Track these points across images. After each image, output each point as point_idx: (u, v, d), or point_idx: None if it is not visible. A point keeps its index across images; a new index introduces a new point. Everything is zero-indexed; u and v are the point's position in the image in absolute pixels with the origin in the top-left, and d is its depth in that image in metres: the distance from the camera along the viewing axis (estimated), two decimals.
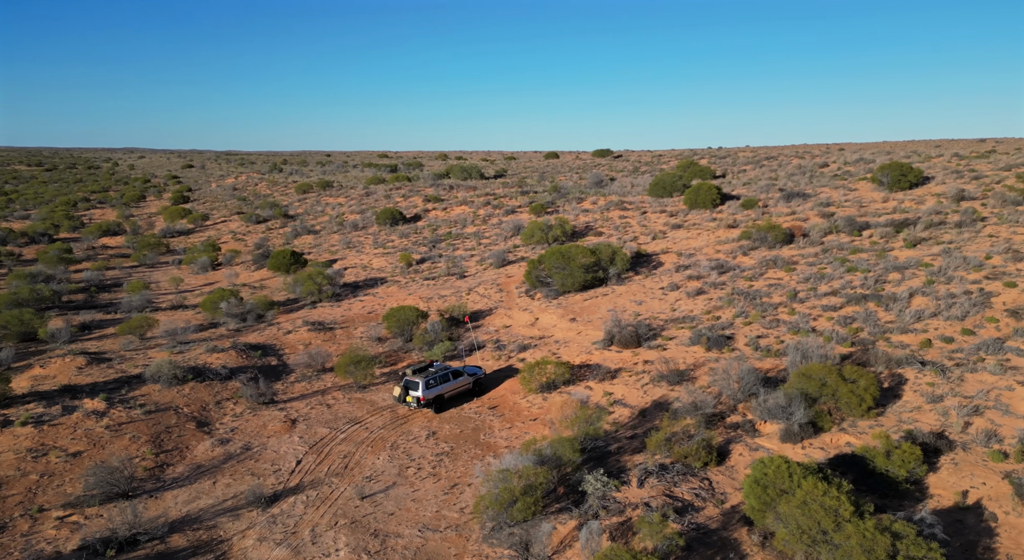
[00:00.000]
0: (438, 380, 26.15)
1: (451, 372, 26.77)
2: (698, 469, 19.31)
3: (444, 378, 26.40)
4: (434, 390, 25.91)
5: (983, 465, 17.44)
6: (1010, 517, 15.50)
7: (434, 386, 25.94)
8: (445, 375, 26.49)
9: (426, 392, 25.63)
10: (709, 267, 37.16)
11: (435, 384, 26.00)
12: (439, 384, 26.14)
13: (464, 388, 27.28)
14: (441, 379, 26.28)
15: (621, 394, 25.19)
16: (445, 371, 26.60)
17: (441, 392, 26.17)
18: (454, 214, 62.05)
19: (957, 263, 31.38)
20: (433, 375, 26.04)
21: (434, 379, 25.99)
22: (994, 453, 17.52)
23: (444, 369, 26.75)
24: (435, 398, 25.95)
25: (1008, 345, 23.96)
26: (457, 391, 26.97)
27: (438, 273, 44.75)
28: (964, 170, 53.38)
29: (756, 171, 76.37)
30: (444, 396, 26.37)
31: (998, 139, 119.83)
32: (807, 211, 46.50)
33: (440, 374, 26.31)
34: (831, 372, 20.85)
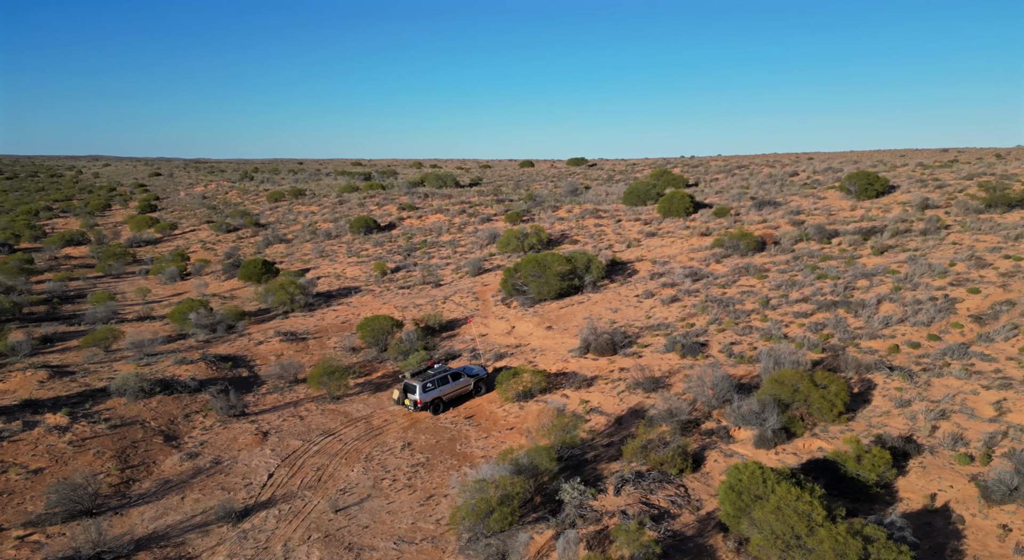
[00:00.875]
0: (436, 383, 26.24)
1: (450, 374, 26.85)
2: (674, 476, 19.38)
3: (443, 381, 26.51)
4: (431, 393, 26.05)
5: (950, 468, 17.79)
6: (977, 519, 15.81)
7: (431, 389, 26.07)
8: (444, 377, 26.57)
9: (423, 395, 25.80)
10: (683, 275, 37.53)
11: (432, 387, 26.11)
12: (437, 387, 26.25)
13: (464, 390, 27.38)
14: (439, 382, 26.38)
15: (597, 402, 25.21)
16: (444, 373, 26.67)
17: (439, 395, 26.30)
18: (429, 222, 61.79)
19: (923, 270, 32.14)
20: (431, 378, 26.15)
21: (431, 382, 26.11)
22: (961, 456, 17.89)
23: (443, 371, 26.84)
24: (432, 401, 26.08)
25: (972, 350, 24.57)
26: (456, 393, 27.04)
27: (413, 282, 44.45)
28: (928, 179, 54.88)
29: (728, 180, 77.60)
30: (443, 399, 26.52)
31: (960, 149, 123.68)
32: (778, 219, 47.29)
33: (439, 377, 26.41)
34: (803, 378, 21.14)
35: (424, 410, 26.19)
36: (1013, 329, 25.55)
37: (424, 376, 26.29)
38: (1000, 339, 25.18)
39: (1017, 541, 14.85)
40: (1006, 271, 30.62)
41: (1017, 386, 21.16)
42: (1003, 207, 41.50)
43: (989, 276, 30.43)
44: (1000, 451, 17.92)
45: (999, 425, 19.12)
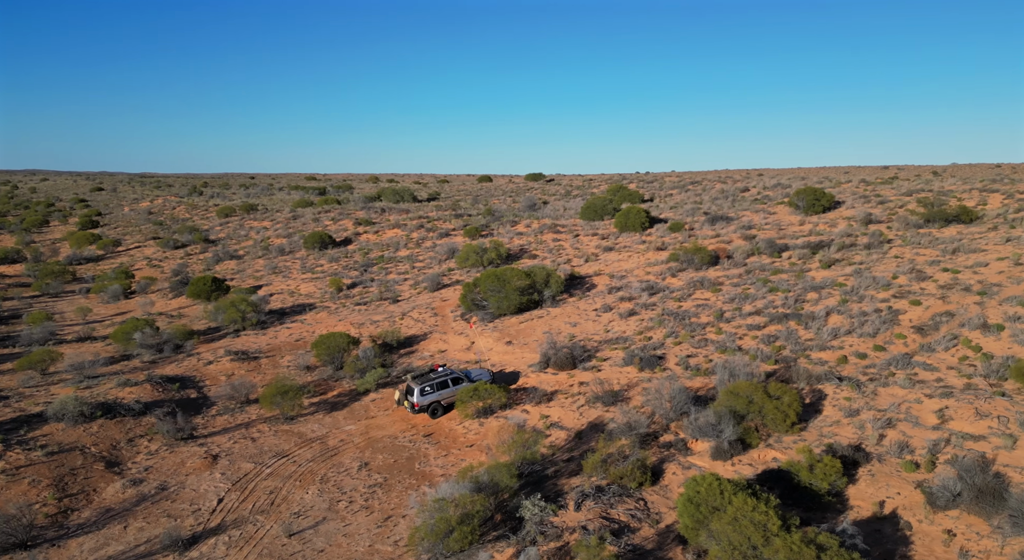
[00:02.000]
0: (435, 387, 26.57)
1: (451, 378, 27.08)
2: (633, 490, 19.43)
3: (442, 385, 26.79)
4: (429, 397, 26.41)
5: (897, 475, 18.34)
6: (923, 525, 16.30)
7: (429, 393, 26.46)
8: (444, 382, 26.86)
9: (420, 399, 26.23)
10: (640, 288, 38.02)
11: (431, 391, 26.50)
12: (436, 391, 26.66)
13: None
14: (439, 386, 26.67)
15: (558, 417, 25.17)
16: (444, 377, 26.94)
17: (437, 399, 26.59)
18: (386, 237, 61.17)
19: (868, 283, 33.35)
20: (430, 381, 26.62)
21: (430, 386, 26.47)
22: (907, 463, 18.48)
23: (445, 375, 27.07)
24: (430, 405, 26.45)
25: (915, 360, 25.53)
26: (456, 398, 26.80)
27: (370, 298, 43.79)
28: (871, 195, 57.23)
29: (682, 195, 79.35)
30: (441, 403, 26.75)
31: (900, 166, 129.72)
32: (731, 234, 48.49)
33: (438, 381, 26.72)
34: (757, 389, 21.56)
35: (422, 413, 26.54)
36: (952, 339, 26.67)
37: (424, 379, 26.77)
38: (941, 349, 26.25)
39: (961, 546, 15.35)
40: (944, 283, 32.01)
41: (958, 394, 22.04)
42: (940, 222, 43.53)
43: (929, 288, 31.76)
44: (943, 458, 18.58)
45: (942, 433, 19.84)
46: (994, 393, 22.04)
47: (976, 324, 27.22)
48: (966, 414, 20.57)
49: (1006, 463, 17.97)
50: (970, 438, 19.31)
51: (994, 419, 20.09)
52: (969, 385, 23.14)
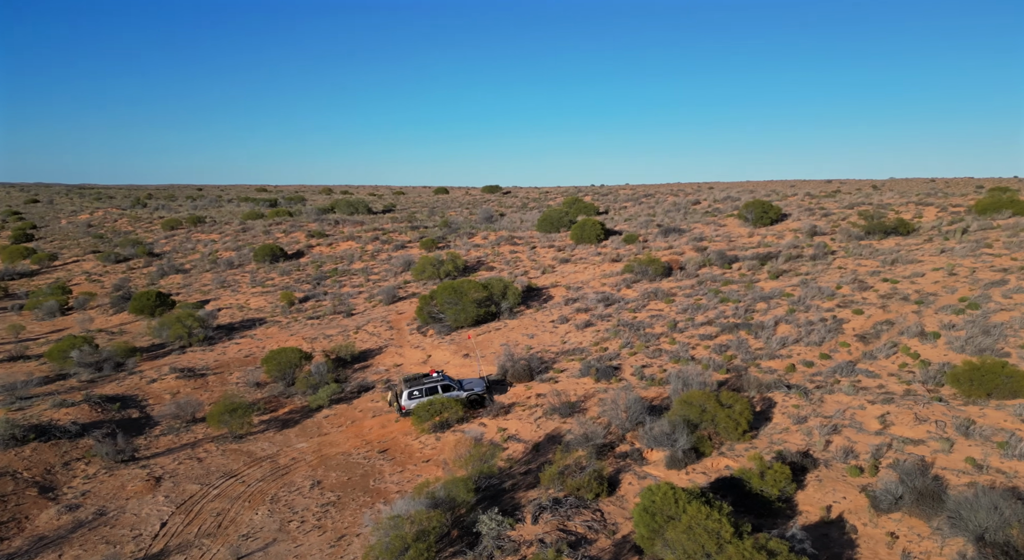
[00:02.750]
0: (423, 392, 26.60)
1: (441, 385, 26.86)
2: (590, 501, 19.45)
3: (431, 391, 26.71)
4: (415, 401, 26.34)
5: (843, 480, 18.88)
6: (868, 528, 16.80)
7: (416, 397, 26.45)
8: (433, 388, 26.76)
9: (407, 402, 26.38)
10: (596, 300, 38.40)
11: (419, 396, 26.50)
12: (424, 396, 26.52)
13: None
14: (428, 391, 26.66)
15: (515, 429, 25.08)
16: (434, 384, 26.85)
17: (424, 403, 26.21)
18: (340, 250, 60.21)
19: (813, 293, 34.49)
20: (419, 386, 26.60)
21: (419, 390, 26.56)
22: (852, 468, 19.05)
23: (436, 381, 26.96)
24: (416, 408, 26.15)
25: (859, 367, 26.47)
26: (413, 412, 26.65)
27: (323, 312, 42.93)
28: (815, 208, 59.39)
29: (636, 208, 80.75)
30: None
31: (842, 180, 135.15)
32: (683, 245, 49.55)
33: (428, 386, 26.70)
34: (710, 398, 21.94)
35: (408, 416, 26.47)
36: (892, 347, 27.77)
37: (415, 383, 26.86)
38: (882, 357, 27.29)
39: (904, 547, 15.87)
40: (885, 293, 33.36)
41: (898, 400, 22.91)
42: (880, 234, 45.46)
43: (871, 298, 33.03)
44: (886, 462, 19.23)
45: (884, 438, 20.56)
46: (932, 399, 23.00)
47: (914, 332, 28.43)
48: (906, 419, 21.39)
49: (944, 466, 18.72)
50: (910, 442, 20.07)
51: (932, 424, 20.95)
52: (909, 391, 24.10)
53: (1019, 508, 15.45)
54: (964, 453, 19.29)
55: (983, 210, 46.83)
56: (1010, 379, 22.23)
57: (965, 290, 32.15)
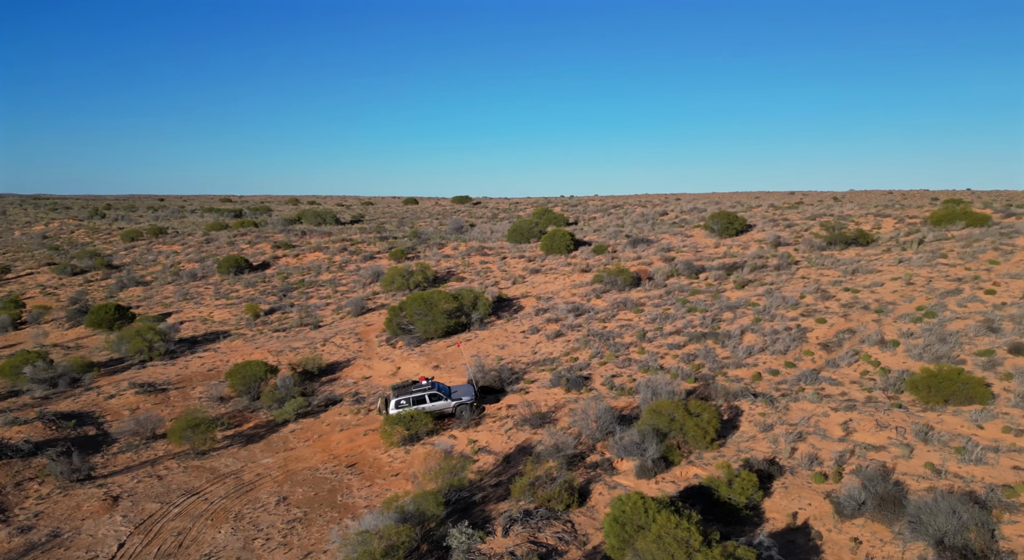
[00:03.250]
0: (411, 401, 26.43)
1: (428, 394, 26.71)
2: (561, 512, 19.39)
3: (418, 400, 26.54)
4: (403, 410, 26.16)
5: (808, 487, 19.19)
6: (832, 534, 17.08)
7: (404, 406, 26.30)
8: (420, 397, 26.58)
9: (394, 411, 26.18)
10: (566, 310, 38.53)
11: (406, 404, 26.34)
12: (411, 405, 26.37)
13: (442, 412, 26.94)
14: (415, 401, 26.48)
15: (486, 441, 24.93)
16: (422, 393, 26.65)
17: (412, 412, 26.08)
18: (307, 261, 59.38)
19: (778, 302, 35.17)
20: (406, 395, 26.48)
21: (406, 400, 26.43)
22: (816, 475, 19.38)
23: (423, 390, 26.77)
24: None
25: (822, 375, 27.02)
26: (434, 413, 26.68)
27: (290, 324, 42.21)
28: (779, 219, 60.76)
29: (605, 218, 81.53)
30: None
31: (804, 192, 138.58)
32: (651, 256, 50.14)
33: (415, 396, 26.53)
34: (678, 407, 22.13)
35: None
36: (854, 355, 28.44)
37: (403, 391, 26.73)
38: (844, 365, 27.91)
39: (867, 552, 16.17)
40: (846, 302, 34.20)
41: (860, 407, 23.43)
42: (841, 245, 46.68)
43: (833, 307, 33.82)
44: (849, 469, 19.62)
45: (847, 444, 20.99)
46: (892, 405, 23.58)
47: (875, 340, 29.17)
48: (868, 426, 21.87)
49: (904, 471, 19.17)
50: (872, 448, 20.51)
51: (893, 430, 21.46)
52: (870, 398, 24.67)
53: (976, 512, 15.89)
54: (923, 458, 19.79)
55: (938, 221, 48.47)
56: (965, 385, 22.93)
57: (922, 299, 33.15)
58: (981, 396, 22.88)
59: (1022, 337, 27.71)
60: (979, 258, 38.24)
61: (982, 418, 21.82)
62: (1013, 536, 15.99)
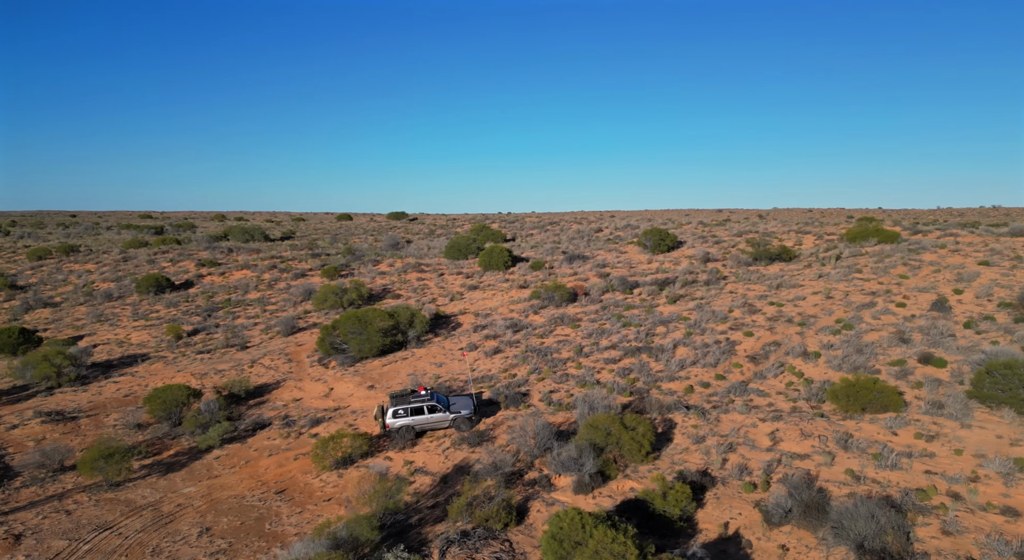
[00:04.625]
0: (408, 412, 25.72)
1: (427, 406, 26.00)
2: (499, 531, 19.13)
3: (417, 411, 25.86)
4: (401, 420, 25.62)
5: (738, 497, 19.70)
6: (761, 542, 17.55)
7: (402, 416, 25.64)
8: (419, 408, 25.90)
9: (391, 420, 25.59)
10: (504, 326, 38.49)
11: (404, 415, 25.66)
12: (408, 415, 25.73)
13: (440, 424, 26.19)
14: (413, 412, 25.80)
15: (422, 462, 24.41)
16: (420, 404, 25.95)
17: (409, 423, 25.75)
18: (234, 279, 57.08)
19: (708, 316, 36.29)
20: (404, 406, 25.75)
21: (404, 410, 25.69)
22: (746, 485, 19.93)
23: (422, 401, 26.07)
24: (400, 428, 25.60)
25: (751, 387, 27.95)
26: (431, 426, 26.14)
27: (215, 345, 40.30)
28: (708, 236, 62.99)
29: (542, 235, 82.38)
30: (414, 428, 25.89)
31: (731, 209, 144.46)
32: (587, 272, 50.88)
33: (414, 406, 25.84)
34: (615, 421, 22.36)
35: (391, 435, 25.76)
36: (780, 367, 29.60)
37: (401, 400, 26.05)
38: (771, 376, 28.99)
39: (794, 559, 16.68)
40: (772, 316, 35.64)
41: (786, 417, 24.34)
42: (766, 260, 48.78)
43: (759, 321, 35.17)
44: (776, 477, 20.28)
45: (774, 454, 21.71)
46: (815, 415, 24.62)
47: (798, 352, 30.48)
48: (793, 435, 22.73)
49: (827, 478, 19.98)
50: (797, 457, 21.30)
51: (816, 438, 22.37)
52: (795, 408, 25.69)
53: (893, 516, 16.68)
54: (844, 465, 20.70)
55: (853, 238, 51.45)
56: (881, 394, 24.22)
57: (840, 312, 34.95)
58: (895, 404, 24.22)
59: (930, 347, 29.60)
60: (890, 273, 40.75)
61: (896, 425, 23.07)
62: (926, 537, 16.86)
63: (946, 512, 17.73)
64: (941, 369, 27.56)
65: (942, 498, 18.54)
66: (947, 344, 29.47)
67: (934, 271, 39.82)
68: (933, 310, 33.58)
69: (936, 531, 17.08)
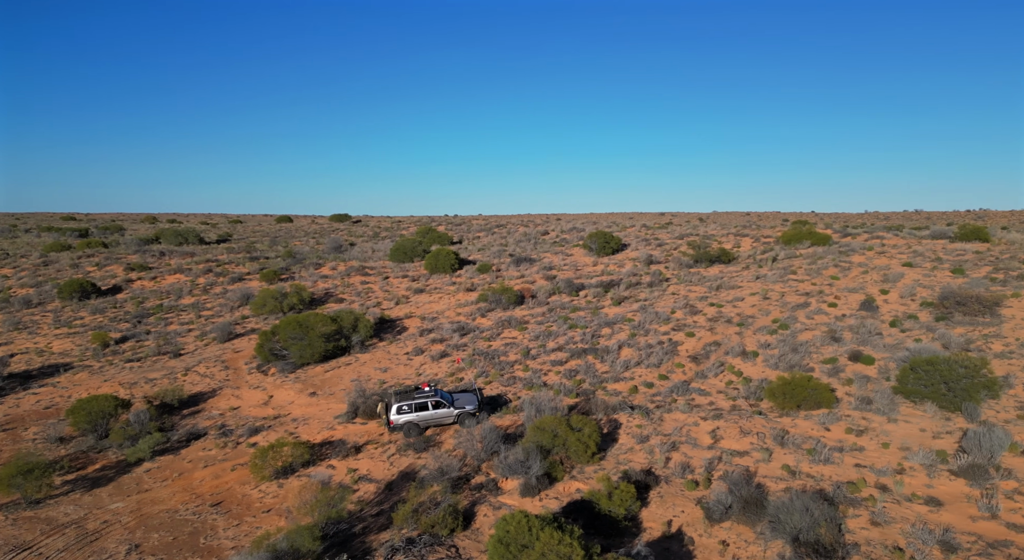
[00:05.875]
0: (412, 408, 25.66)
1: (432, 402, 25.92)
2: (445, 537, 18.88)
3: (422, 407, 25.80)
4: (405, 416, 25.55)
5: (681, 495, 20.08)
6: (703, 538, 17.92)
7: (406, 412, 25.56)
8: (424, 404, 25.83)
9: (396, 417, 25.49)
10: (451, 330, 38.19)
11: (408, 411, 25.58)
12: (413, 411, 25.65)
13: (444, 421, 26.20)
14: (418, 408, 25.74)
15: (367, 469, 23.87)
16: (425, 400, 25.88)
17: (413, 420, 25.64)
18: (167, 284, 54.63)
19: (652, 318, 36.97)
20: (408, 401, 25.69)
21: (408, 406, 25.62)
22: (688, 483, 20.34)
23: (426, 397, 26.00)
24: (404, 425, 25.53)
25: (692, 386, 28.59)
26: (436, 422, 25.98)
27: (145, 353, 38.40)
28: (651, 239, 64.32)
29: (489, 238, 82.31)
30: (419, 425, 25.76)
31: (674, 213, 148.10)
32: (534, 274, 51.10)
33: (418, 402, 25.78)
34: (561, 423, 22.44)
35: (396, 431, 25.69)
36: (720, 366, 30.40)
37: (405, 397, 25.98)
38: (711, 376, 29.74)
39: (734, 554, 17.09)
40: (712, 316, 36.61)
41: (726, 415, 25.00)
42: (706, 262, 50.11)
43: (700, 321, 36.07)
44: (717, 474, 20.77)
45: (715, 451, 22.25)
46: (753, 412, 25.38)
47: (737, 351, 31.38)
48: (733, 433, 23.35)
49: (765, 474, 20.59)
50: (737, 454, 21.89)
51: (754, 435, 23.06)
52: (735, 406, 26.42)
53: (826, 508, 17.32)
54: (781, 461, 21.40)
55: (788, 241, 53.49)
56: (815, 391, 25.19)
57: (777, 312, 36.22)
58: (827, 400, 25.23)
59: (859, 345, 31.00)
60: (823, 274, 42.53)
61: (828, 421, 24.03)
62: (856, 529, 17.59)
63: (875, 504, 18.54)
64: (869, 366, 28.89)
65: (871, 490, 19.39)
66: (875, 342, 30.93)
67: (862, 272, 41.79)
68: (862, 310, 35.21)
69: (866, 522, 17.83)
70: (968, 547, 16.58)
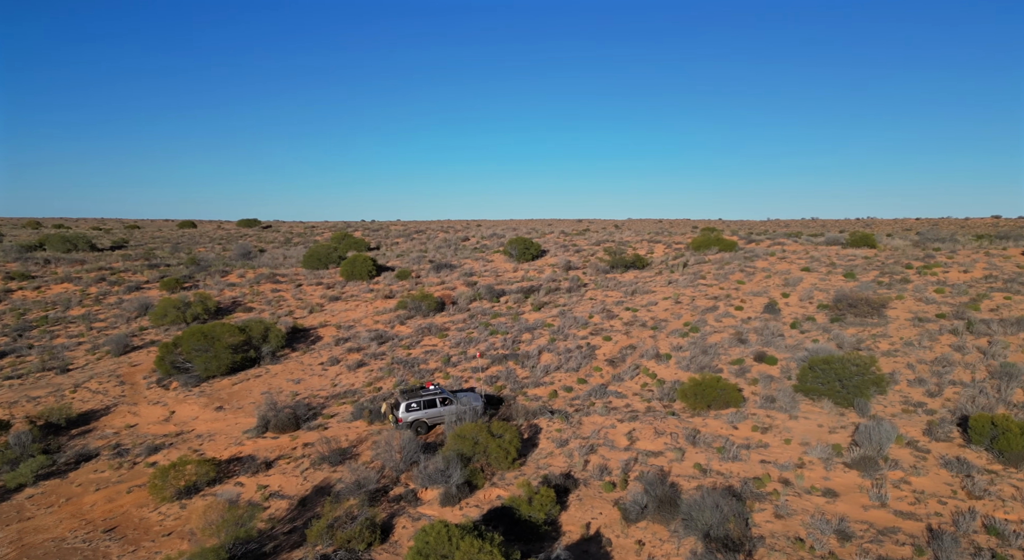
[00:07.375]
0: (421, 405, 26.03)
1: (440, 398, 26.29)
2: (362, 551, 18.29)
3: (429, 404, 26.15)
4: (414, 414, 25.84)
5: (600, 497, 20.41)
6: (620, 539, 18.28)
7: (415, 410, 25.90)
8: (431, 401, 26.20)
9: (405, 414, 25.78)
10: (369, 338, 37.27)
11: (416, 408, 25.93)
12: (422, 409, 26.01)
13: (451, 419, 25.86)
14: (426, 405, 26.09)
15: (278, 485, 22.78)
16: (433, 397, 26.24)
17: (422, 417, 25.93)
18: (53, 294, 50.25)
19: (570, 323, 37.57)
20: (417, 399, 26.05)
21: (416, 403, 26.00)
22: (606, 485, 20.71)
23: (434, 394, 26.34)
24: (413, 423, 25.78)
25: (610, 389, 29.23)
26: (443, 419, 26.01)
27: (27, 369, 35.05)
28: (569, 245, 65.51)
29: (408, 244, 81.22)
30: (426, 422, 26.07)
31: (591, 220, 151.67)
32: (455, 281, 50.81)
33: (426, 399, 26.11)
34: (482, 430, 22.32)
35: (405, 429, 25.17)
36: (636, 369, 31.26)
37: (412, 395, 26.33)
38: (628, 378, 30.52)
39: (649, 553, 17.53)
40: (628, 321, 37.64)
41: (642, 417, 25.70)
42: (622, 268, 51.56)
43: (617, 326, 36.99)
44: (633, 475, 21.28)
45: (632, 453, 22.80)
46: (667, 413, 26.23)
47: (651, 355, 32.39)
48: (648, 434, 24.02)
49: (678, 474, 21.29)
50: (652, 455, 22.52)
51: (668, 436, 23.81)
52: (650, 408, 27.21)
53: (734, 504, 18.09)
54: (693, 460, 22.20)
55: (698, 247, 55.93)
56: (723, 392, 26.35)
57: (688, 316, 37.70)
58: (735, 400, 26.46)
59: (764, 346, 32.74)
60: (730, 279, 44.71)
61: (736, 419, 25.19)
62: (762, 522, 18.48)
63: (778, 497, 19.56)
64: (773, 366, 30.57)
65: (775, 485, 20.45)
66: (777, 343, 32.79)
67: (766, 277, 44.27)
68: (766, 312, 37.26)
69: (770, 515, 18.77)
70: (861, 535, 17.77)
